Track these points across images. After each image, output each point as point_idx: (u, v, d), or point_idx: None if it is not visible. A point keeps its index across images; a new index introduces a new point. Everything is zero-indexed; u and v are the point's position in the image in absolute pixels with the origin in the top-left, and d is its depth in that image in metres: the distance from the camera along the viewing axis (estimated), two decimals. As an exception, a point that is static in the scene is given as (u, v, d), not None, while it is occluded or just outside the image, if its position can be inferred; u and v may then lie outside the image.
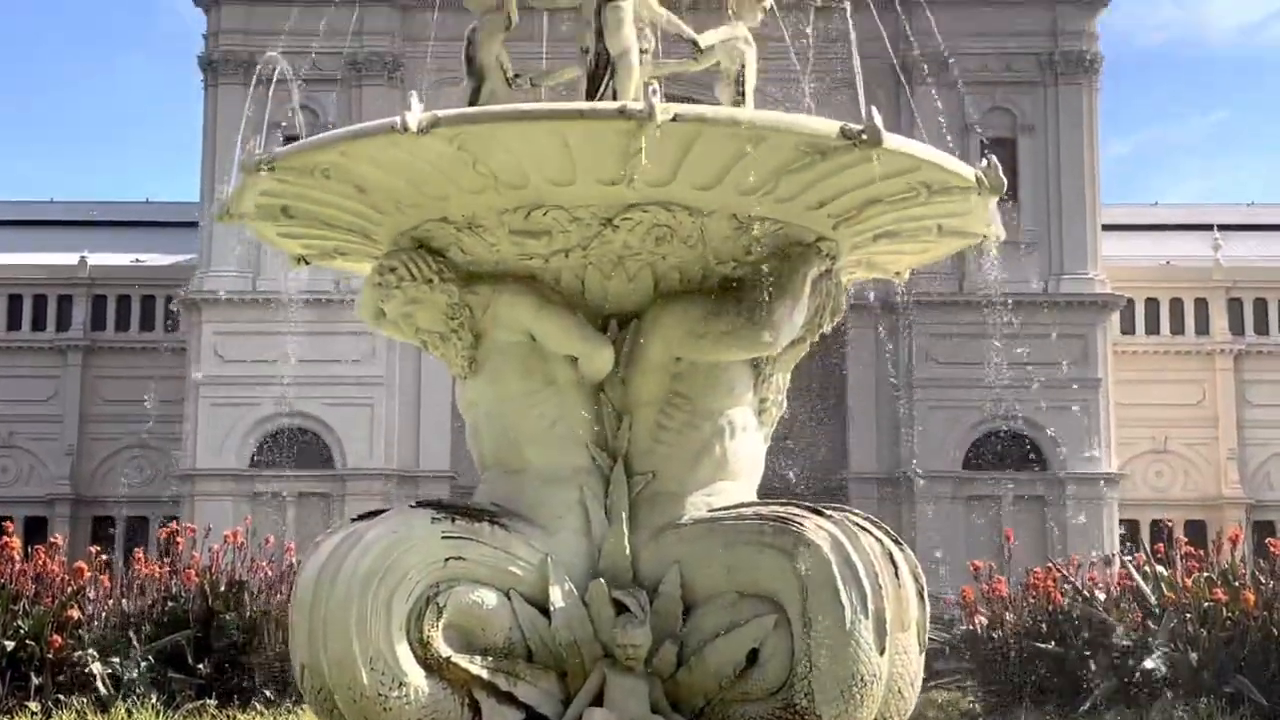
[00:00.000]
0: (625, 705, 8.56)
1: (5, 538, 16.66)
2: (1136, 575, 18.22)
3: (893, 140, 8.43)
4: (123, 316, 67.46)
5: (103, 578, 17.50)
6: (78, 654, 15.97)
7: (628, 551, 8.88)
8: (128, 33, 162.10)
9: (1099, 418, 57.80)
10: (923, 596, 8.85)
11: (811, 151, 8.42)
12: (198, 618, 17.08)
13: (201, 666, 16.63)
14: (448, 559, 8.49)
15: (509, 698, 8.59)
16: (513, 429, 9.16)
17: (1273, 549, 17.72)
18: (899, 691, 8.68)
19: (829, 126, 8.36)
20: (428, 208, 8.96)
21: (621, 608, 8.70)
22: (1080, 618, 17.64)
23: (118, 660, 16.06)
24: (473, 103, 9.72)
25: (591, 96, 9.56)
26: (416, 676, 8.37)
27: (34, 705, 15.02)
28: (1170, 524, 24.85)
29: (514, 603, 8.62)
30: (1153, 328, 65.50)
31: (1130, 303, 62.46)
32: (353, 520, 9.08)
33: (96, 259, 67.12)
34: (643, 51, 9.69)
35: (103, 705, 15.17)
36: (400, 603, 8.36)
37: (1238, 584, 16.87)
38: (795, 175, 8.57)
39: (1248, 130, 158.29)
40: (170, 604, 17.31)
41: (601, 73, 9.57)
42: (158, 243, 67.85)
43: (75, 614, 16.18)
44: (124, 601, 17.31)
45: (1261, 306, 66.43)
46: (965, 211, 9.44)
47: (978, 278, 50.12)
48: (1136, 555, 19.70)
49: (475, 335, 9.15)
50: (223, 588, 17.46)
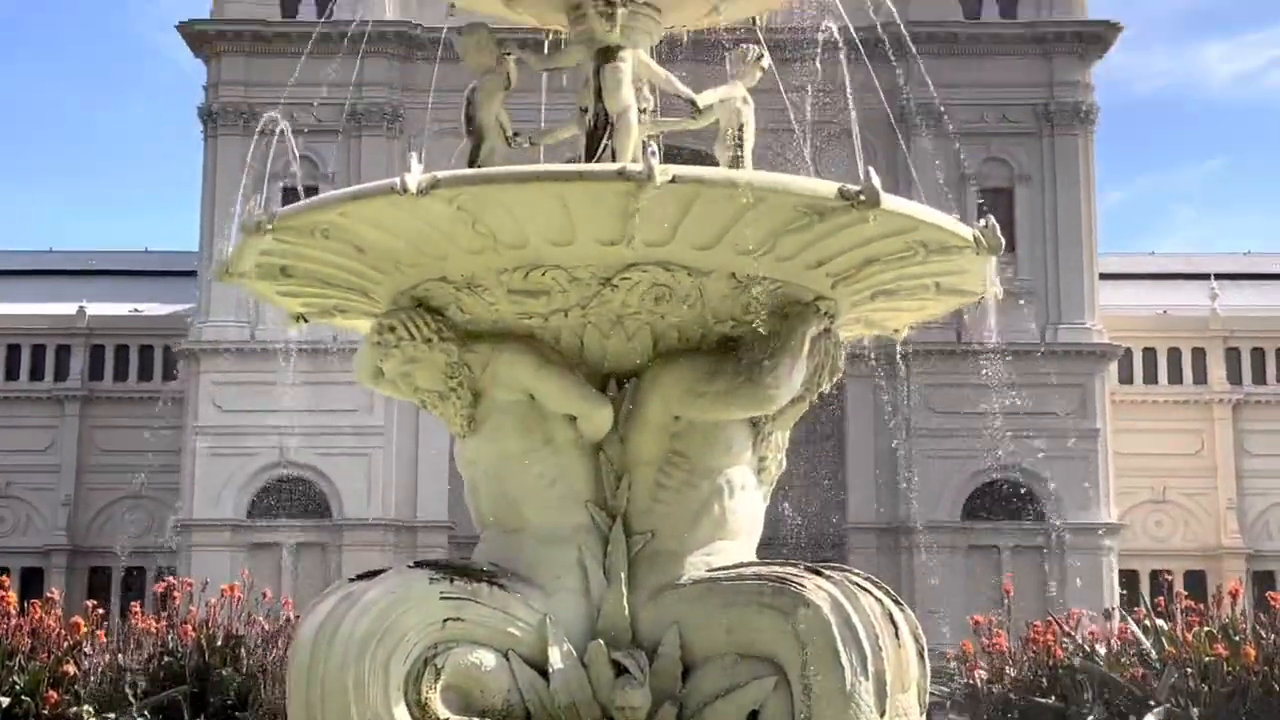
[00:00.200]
0: (625, 768, 8.52)
1: (1, 592, 16.57)
2: (1137, 630, 18.14)
3: (891, 201, 8.46)
4: (121, 366, 67.32)
5: (99, 633, 17.40)
6: (74, 710, 15.84)
7: (627, 612, 8.85)
8: (127, 82, 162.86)
9: (1098, 467, 57.67)
10: (923, 656, 8.81)
11: (810, 212, 8.46)
12: (194, 673, 16.94)
13: (197, 722, 16.53)
14: (446, 620, 8.46)
15: (508, 760, 8.54)
16: (511, 488, 9.15)
17: (1273, 602, 17.64)
18: (899, 752, 8.64)
19: (827, 187, 8.39)
20: (427, 267, 8.98)
21: (621, 669, 8.65)
22: (1081, 672, 17.54)
23: (114, 716, 15.93)
24: (472, 162, 9.74)
25: (591, 155, 9.59)
26: (414, 739, 8.33)
27: (30, 761, 14.94)
28: (1170, 576, 24.72)
29: (513, 664, 8.58)
30: (1150, 377, 65.41)
31: (1128, 352, 62.42)
32: (350, 580, 9.05)
33: (95, 308, 67.07)
34: (641, 110, 9.74)
35: (98, 761, 15.08)
36: (398, 664, 8.33)
37: (1238, 639, 16.79)
38: (794, 235, 8.60)
39: (1245, 179, 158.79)
40: (167, 659, 17.17)
41: (600, 132, 9.61)
42: (156, 292, 67.82)
43: (71, 669, 16.06)
44: (120, 656, 17.20)
45: (1259, 356, 66.40)
46: (963, 270, 9.47)
47: (976, 328, 50.10)
48: (1136, 609, 19.62)
49: (474, 394, 9.14)
50: (219, 642, 17.36)
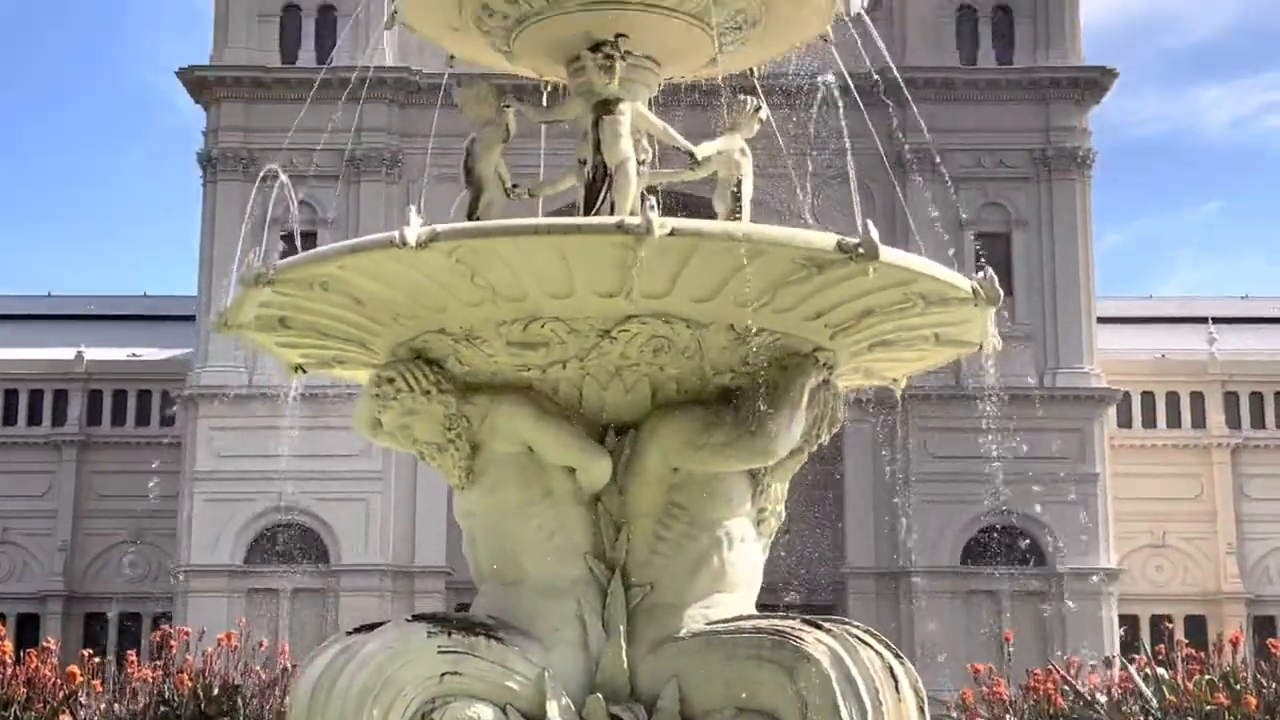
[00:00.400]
0: (623, 823, 8.46)
1: (-3, 641, 16.49)
2: (1138, 678, 18.05)
3: (889, 253, 8.46)
4: (119, 411, 67.20)
5: (95, 682, 17.30)
6: (69, 760, 15.77)
7: (625, 665, 8.81)
8: (127, 128, 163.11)
9: (1097, 512, 57.47)
10: (923, 710, 8.76)
11: (808, 265, 8.47)
12: (190, 723, 16.89)
13: (194, 773, 16.44)
14: (444, 674, 8.42)
15: (505, 816, 8.48)
16: (510, 540, 9.12)
17: (1274, 650, 17.57)
18: (900, 807, 8.57)
19: (825, 240, 8.39)
20: (426, 319, 8.98)
21: (619, 723, 8.61)
22: (1081, 721, 17.47)
23: (110, 766, 15.87)
24: (471, 213, 9.76)
25: (590, 207, 9.60)
26: (412, 794, 8.27)
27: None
28: (1171, 623, 24.59)
29: (510, 718, 8.53)
30: (1149, 421, 65.31)
31: (1126, 396, 62.36)
32: (348, 632, 9.03)
33: (93, 353, 66.99)
34: (640, 162, 9.75)
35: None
36: (396, 718, 8.27)
37: (1239, 687, 16.71)
38: (792, 288, 8.61)
39: (1242, 222, 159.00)
40: (163, 708, 17.09)
41: (599, 184, 9.61)
42: (154, 337, 67.79)
43: (68, 719, 15.99)
44: (116, 706, 17.11)
45: (1258, 400, 66.35)
46: (962, 321, 9.48)
47: (974, 372, 50.08)
48: (1137, 657, 19.53)
49: (473, 446, 9.12)
50: (215, 692, 17.26)
